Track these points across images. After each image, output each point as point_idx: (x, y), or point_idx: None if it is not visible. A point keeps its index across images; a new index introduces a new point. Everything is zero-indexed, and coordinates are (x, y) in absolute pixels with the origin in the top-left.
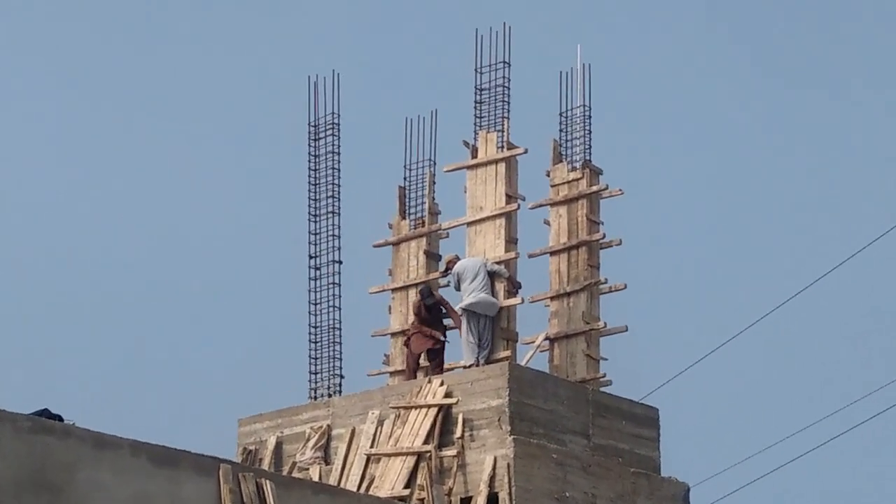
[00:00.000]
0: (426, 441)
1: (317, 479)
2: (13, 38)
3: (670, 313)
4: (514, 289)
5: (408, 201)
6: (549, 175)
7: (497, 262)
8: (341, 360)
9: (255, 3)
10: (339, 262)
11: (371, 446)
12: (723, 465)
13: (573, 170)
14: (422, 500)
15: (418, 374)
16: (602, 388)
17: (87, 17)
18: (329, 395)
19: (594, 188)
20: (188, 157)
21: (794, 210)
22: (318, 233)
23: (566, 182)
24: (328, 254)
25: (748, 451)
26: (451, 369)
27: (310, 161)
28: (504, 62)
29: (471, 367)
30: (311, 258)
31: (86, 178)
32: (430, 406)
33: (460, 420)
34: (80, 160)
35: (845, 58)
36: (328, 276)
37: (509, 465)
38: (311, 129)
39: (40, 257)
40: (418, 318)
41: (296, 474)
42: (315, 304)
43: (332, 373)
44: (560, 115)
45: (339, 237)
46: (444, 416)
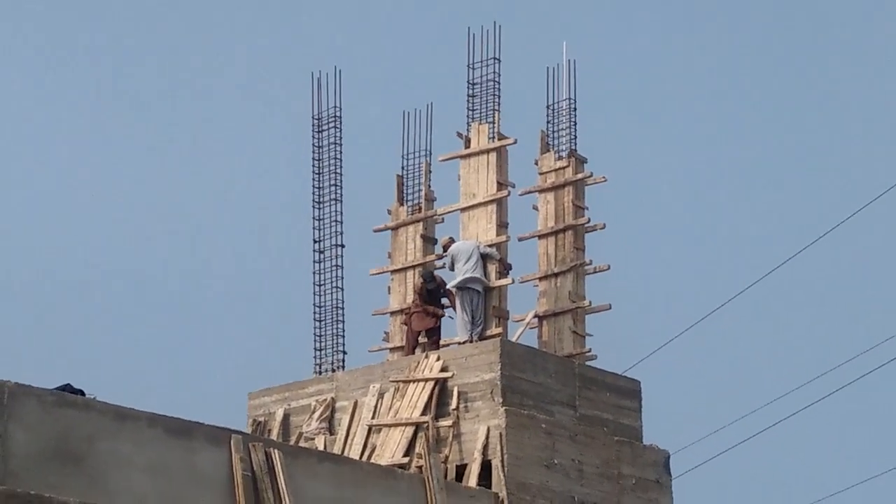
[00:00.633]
0: (424, 412)
1: (322, 448)
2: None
3: (651, 292)
4: (504, 270)
5: (405, 189)
6: (537, 164)
7: (489, 245)
8: (344, 337)
9: (262, 6)
10: (342, 246)
11: (372, 417)
12: (700, 433)
13: (560, 159)
14: (420, 467)
15: (416, 351)
16: (587, 362)
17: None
18: (333, 370)
19: (579, 176)
20: (200, 150)
21: (766, 196)
22: (322, 218)
23: (553, 170)
24: (331, 238)
25: (724, 421)
26: (447, 345)
27: (313, 152)
28: (495, 58)
29: (465, 343)
30: (315, 242)
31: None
32: (427, 380)
33: (455, 393)
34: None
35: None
36: (331, 259)
37: (501, 435)
38: (315, 121)
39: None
40: (420, 298)
41: (302, 444)
42: (319, 286)
43: (335, 349)
44: (547, 107)
45: (342, 222)
46: (441, 389)
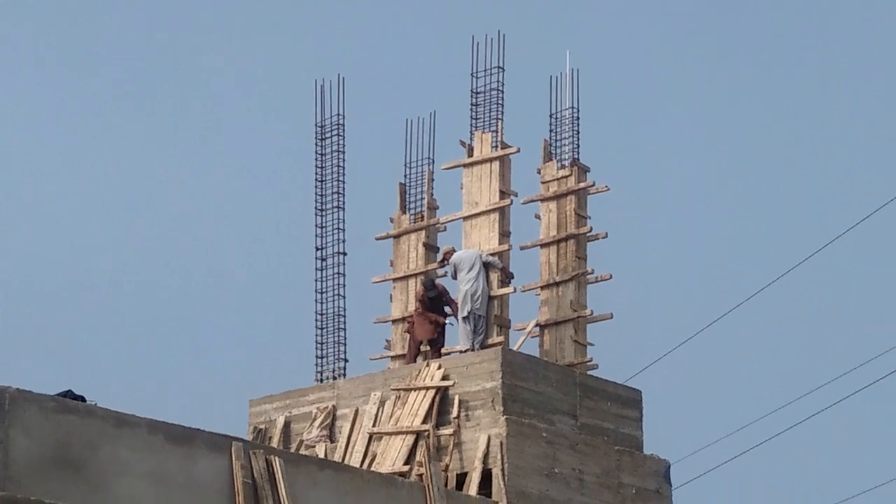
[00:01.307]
0: (424, 421)
1: (322, 456)
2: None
3: (652, 302)
4: (506, 279)
5: (408, 197)
6: (539, 172)
7: (491, 254)
8: (346, 345)
9: (265, 14)
10: (344, 254)
11: (373, 425)
12: (701, 443)
13: (562, 167)
14: (420, 475)
15: (418, 359)
16: (589, 372)
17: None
18: (334, 378)
19: (582, 185)
20: (203, 157)
21: (769, 205)
22: (325, 226)
23: (556, 179)
24: (333, 246)
25: (725, 431)
26: (448, 354)
27: (316, 159)
28: (498, 67)
29: (466, 351)
30: (317, 250)
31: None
32: (428, 388)
33: (456, 401)
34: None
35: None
36: (333, 267)
37: (502, 444)
38: (318, 129)
39: (65, 250)
40: (422, 306)
41: (303, 452)
42: (321, 293)
43: (337, 357)
44: (550, 116)
45: (344, 230)
46: (442, 398)
